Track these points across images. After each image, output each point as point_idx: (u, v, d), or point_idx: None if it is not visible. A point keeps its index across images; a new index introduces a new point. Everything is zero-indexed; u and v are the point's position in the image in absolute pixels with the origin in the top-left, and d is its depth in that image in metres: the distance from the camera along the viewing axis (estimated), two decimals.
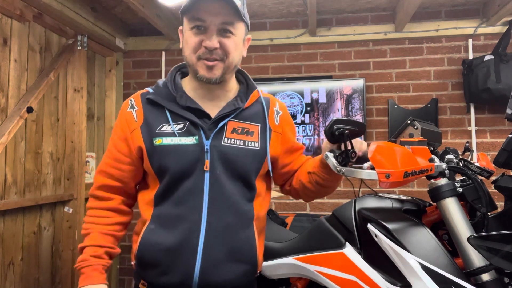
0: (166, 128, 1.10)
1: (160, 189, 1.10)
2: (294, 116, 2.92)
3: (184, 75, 1.22)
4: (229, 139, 1.11)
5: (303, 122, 2.91)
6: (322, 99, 2.89)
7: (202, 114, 1.11)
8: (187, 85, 1.18)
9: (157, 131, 1.09)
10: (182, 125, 1.10)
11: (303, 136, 2.89)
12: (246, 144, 1.13)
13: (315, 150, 2.87)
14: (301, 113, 2.92)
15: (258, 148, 1.15)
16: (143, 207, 1.16)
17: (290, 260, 1.52)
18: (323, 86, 2.90)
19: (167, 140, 1.08)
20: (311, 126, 2.90)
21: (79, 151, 2.60)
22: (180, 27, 1.16)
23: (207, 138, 1.09)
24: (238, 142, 1.12)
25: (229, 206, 1.09)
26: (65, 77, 2.60)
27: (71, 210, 2.56)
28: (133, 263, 1.16)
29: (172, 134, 1.08)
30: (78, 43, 2.61)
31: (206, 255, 1.06)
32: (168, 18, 2.91)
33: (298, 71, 3.04)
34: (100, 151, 3.03)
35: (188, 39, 1.09)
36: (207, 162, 1.07)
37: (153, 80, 3.18)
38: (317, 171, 1.18)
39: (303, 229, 1.84)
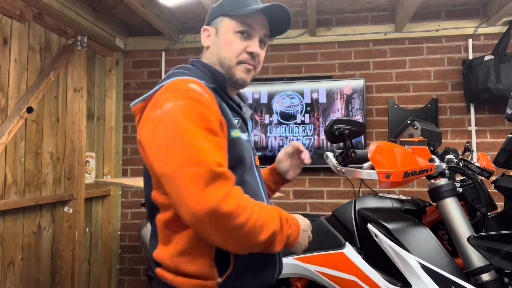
0: (235, 121, 1.05)
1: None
2: (294, 116, 2.92)
3: None
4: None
5: (303, 122, 2.91)
6: (322, 99, 2.89)
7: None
8: None
9: (233, 122, 1.03)
10: (237, 121, 1.07)
11: (303, 136, 2.89)
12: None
13: (315, 150, 2.87)
14: (301, 113, 2.92)
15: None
16: None
17: (290, 260, 1.53)
18: (323, 86, 2.90)
19: (241, 134, 1.05)
20: (311, 126, 2.90)
21: (79, 151, 2.60)
22: (213, 27, 1.12)
23: (249, 136, 1.13)
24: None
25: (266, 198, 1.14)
26: (65, 77, 2.60)
27: (71, 210, 2.56)
28: (220, 280, 0.95)
29: (237, 127, 1.05)
30: (78, 43, 2.61)
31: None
32: (168, 18, 2.91)
33: (298, 71, 3.04)
34: (100, 150, 3.03)
35: (232, 42, 1.08)
36: (256, 157, 1.13)
37: (153, 80, 3.18)
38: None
39: None
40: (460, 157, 1.42)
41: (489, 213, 1.24)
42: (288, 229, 0.94)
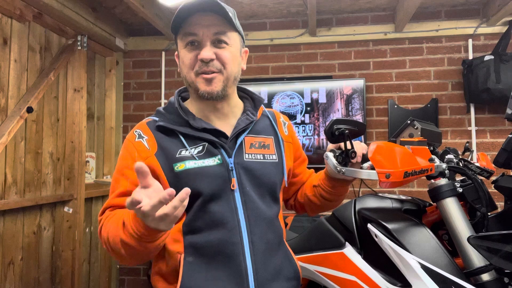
0: (184, 153, 1.03)
1: (188, 216, 1.03)
2: (294, 116, 2.92)
3: (183, 99, 1.17)
4: (250, 155, 1.08)
5: (303, 122, 2.91)
6: (322, 99, 2.89)
7: (218, 133, 1.07)
8: (192, 108, 1.11)
9: (177, 156, 1.03)
10: (200, 148, 1.04)
11: (303, 136, 2.89)
12: (266, 158, 1.11)
13: (315, 150, 2.87)
14: (301, 113, 2.92)
15: (277, 160, 1.13)
16: (166, 240, 1.05)
17: None
18: (323, 86, 2.90)
19: (190, 164, 1.02)
20: (311, 126, 2.90)
21: (79, 151, 2.60)
22: (176, 52, 1.12)
23: (229, 156, 1.05)
24: (258, 156, 1.09)
25: (266, 222, 1.06)
26: (65, 77, 2.60)
27: (71, 210, 2.56)
28: None
29: (192, 158, 1.03)
30: (78, 43, 2.61)
31: (258, 277, 1.01)
32: (168, 18, 2.91)
33: (298, 71, 3.04)
34: (100, 150, 3.03)
35: (184, 57, 1.05)
36: (234, 180, 1.03)
37: (153, 80, 3.18)
38: (322, 184, 1.19)
39: (303, 229, 1.85)
40: (460, 157, 1.42)
41: (489, 213, 1.24)
42: (129, 227, 0.89)
